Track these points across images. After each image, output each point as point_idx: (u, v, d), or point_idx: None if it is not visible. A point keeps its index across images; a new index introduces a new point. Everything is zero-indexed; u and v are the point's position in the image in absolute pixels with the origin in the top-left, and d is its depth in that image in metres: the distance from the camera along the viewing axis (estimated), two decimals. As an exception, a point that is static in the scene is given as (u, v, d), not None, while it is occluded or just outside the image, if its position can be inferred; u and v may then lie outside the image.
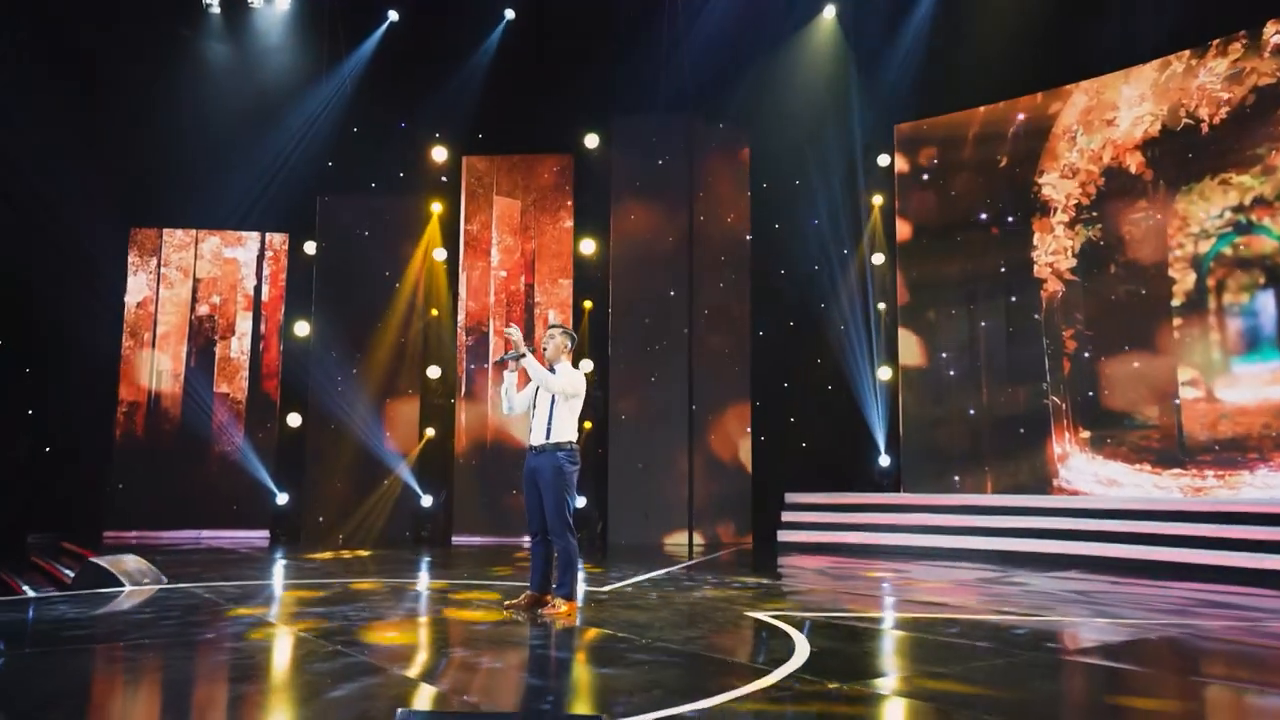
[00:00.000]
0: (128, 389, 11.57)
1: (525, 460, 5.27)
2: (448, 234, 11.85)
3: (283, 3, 11.72)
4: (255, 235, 12.07)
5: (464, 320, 11.48)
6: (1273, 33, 9.04)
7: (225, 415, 11.70)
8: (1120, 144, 10.12)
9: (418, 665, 3.88)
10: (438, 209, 11.88)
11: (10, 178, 9.99)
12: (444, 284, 11.81)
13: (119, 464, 11.40)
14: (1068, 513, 9.42)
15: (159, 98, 11.38)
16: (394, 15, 11.85)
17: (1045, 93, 10.74)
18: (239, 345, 11.86)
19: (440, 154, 11.94)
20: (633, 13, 11.27)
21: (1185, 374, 9.40)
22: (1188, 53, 9.68)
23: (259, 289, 12.01)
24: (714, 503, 11.13)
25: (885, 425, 11.55)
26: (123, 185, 11.55)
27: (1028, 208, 10.73)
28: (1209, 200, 9.42)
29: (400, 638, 4.52)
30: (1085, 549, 8.84)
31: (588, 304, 11.54)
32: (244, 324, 11.91)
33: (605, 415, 11.04)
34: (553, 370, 5.26)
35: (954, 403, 11.06)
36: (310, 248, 11.95)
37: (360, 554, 9.32)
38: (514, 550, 9.74)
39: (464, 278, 11.54)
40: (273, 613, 5.25)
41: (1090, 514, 9.24)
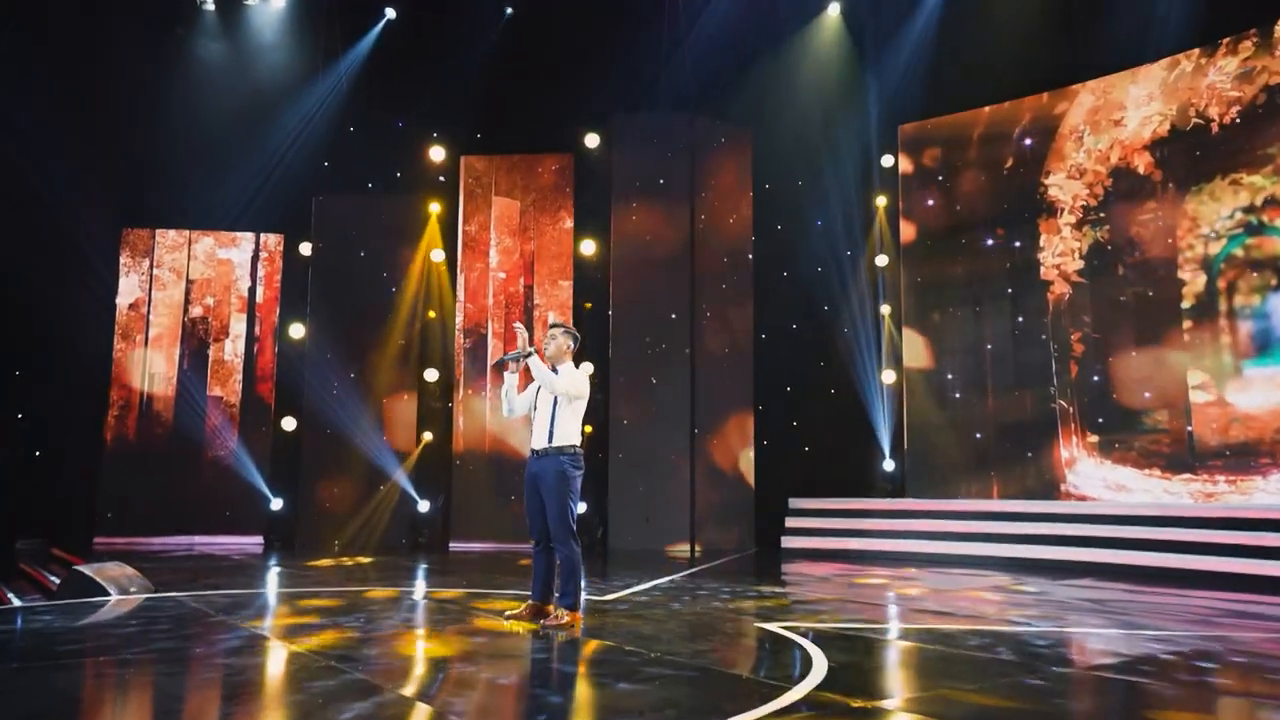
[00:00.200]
0: (119, 392, 11.38)
1: (526, 464, 5.10)
2: (445, 235, 11.72)
3: (278, 0, 11.57)
4: (250, 236, 11.90)
5: (462, 322, 11.30)
6: (1285, 31, 8.92)
7: (219, 419, 11.51)
8: (1128, 144, 10.00)
9: (414, 683, 3.69)
10: (435, 209, 11.74)
11: (0, 177, 9.82)
12: (442, 286, 11.67)
13: (110, 468, 11.20)
14: (1078, 519, 9.26)
15: (152, 96, 11.25)
16: (391, 13, 11.71)
17: (1051, 93, 10.64)
18: (233, 347, 11.68)
19: (438, 153, 11.79)
20: (634, 9, 11.14)
21: (1195, 377, 9.28)
22: (1197, 51, 9.58)
23: (253, 290, 11.83)
24: (716, 508, 10.97)
25: (889, 430, 11.42)
26: (115, 185, 11.41)
27: (1034, 209, 10.62)
28: (1219, 201, 9.31)
29: (397, 651, 4.33)
30: (1096, 556, 8.67)
31: (587, 305, 11.37)
32: (238, 326, 11.73)
33: (605, 418, 10.86)
34: (555, 371, 5.08)
35: (959, 407, 10.93)
36: (306, 249, 11.80)
37: (356, 561, 9.15)
38: (513, 557, 9.56)
39: (462, 279, 11.36)
40: (263, 625, 5.04)
41: (1101, 520, 9.08)
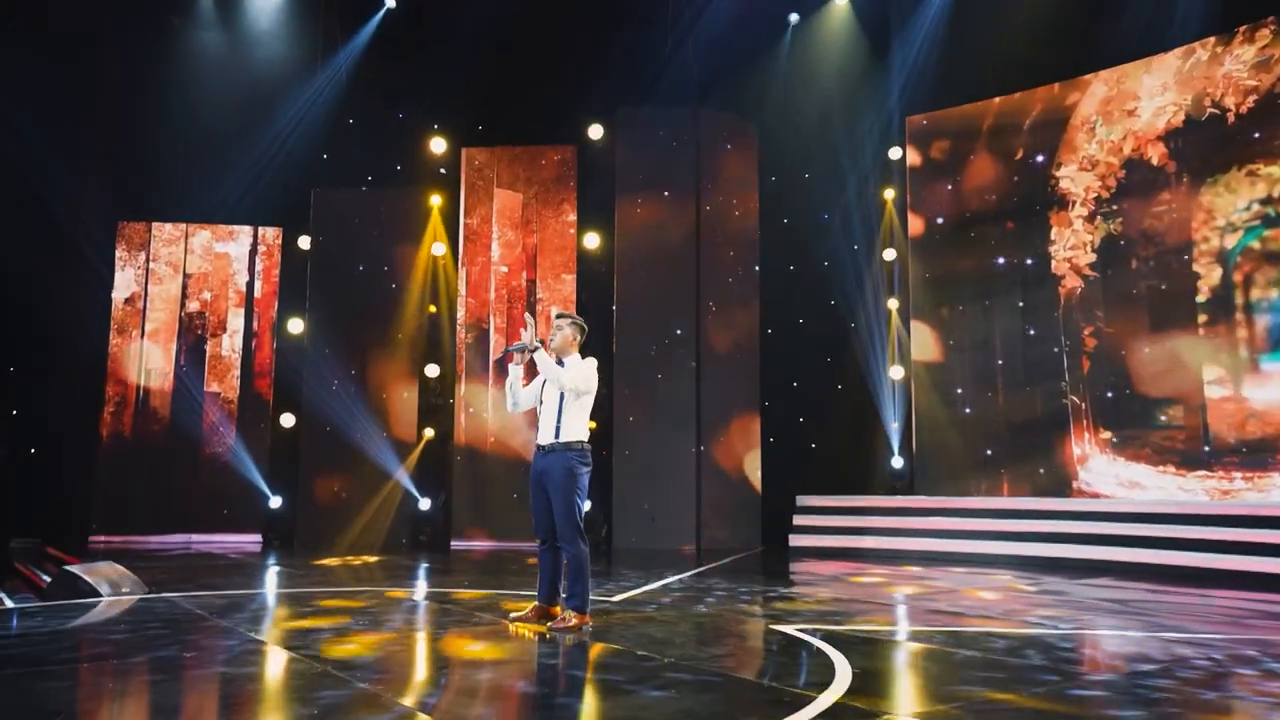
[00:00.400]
0: (115, 388, 11.20)
1: (532, 461, 4.92)
2: (446, 228, 11.54)
3: (275, -11, 11.39)
4: (247, 229, 11.72)
5: (463, 317, 11.12)
6: (1304, 18, 8.75)
7: (216, 415, 11.33)
8: (1142, 135, 9.82)
9: (414, 691, 3.52)
10: (436, 202, 11.56)
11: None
12: (443, 280, 11.50)
13: (106, 466, 11.02)
14: (1095, 516, 9.07)
15: (148, 88, 11.05)
16: (391, 1, 11.50)
17: (1063, 83, 10.47)
18: (230, 343, 11.50)
19: (439, 145, 11.61)
20: (638, -1, 10.95)
21: (1211, 373, 9.12)
22: (1212, 40, 9.40)
23: (251, 285, 11.65)
24: (722, 505, 10.80)
25: (898, 426, 11.26)
26: (110, 178, 11.20)
27: (1045, 201, 10.45)
28: (1235, 192, 9.14)
29: (396, 656, 4.15)
30: (1114, 554, 8.49)
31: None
32: (236, 321, 11.55)
33: (609, 415, 10.68)
34: (561, 364, 4.90)
35: (969, 402, 10.77)
36: (304, 242, 11.61)
37: (355, 560, 8.98)
38: (516, 556, 9.40)
39: (463, 273, 11.18)
40: (258, 628, 4.86)
41: (1119, 518, 8.89)
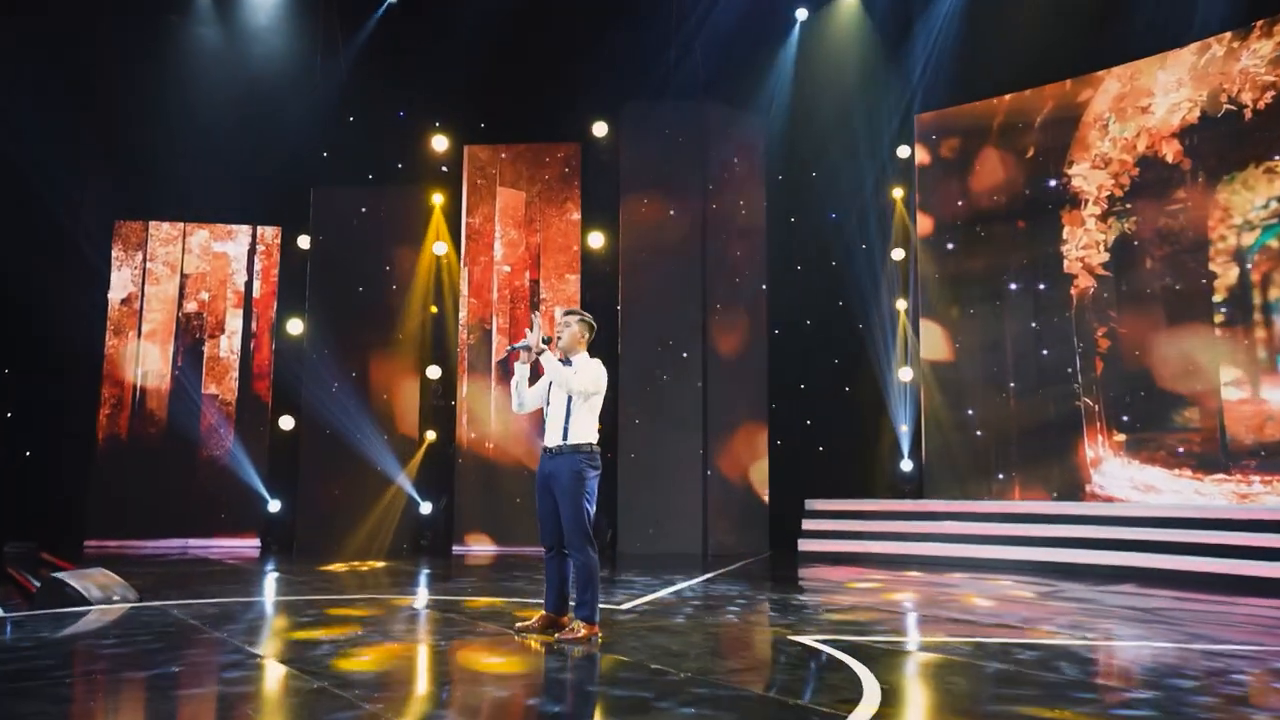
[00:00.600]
0: (111, 389, 11.02)
1: (539, 464, 4.74)
2: (449, 227, 11.37)
3: (275, -15, 11.23)
4: (246, 229, 11.55)
5: (466, 318, 10.94)
6: (1324, 12, 8.58)
7: (214, 418, 11.16)
8: (1156, 132, 9.66)
9: (416, 711, 3.33)
10: (438, 201, 11.39)
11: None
12: (445, 279, 11.34)
13: (102, 469, 10.84)
14: (1114, 521, 8.87)
15: (145, 84, 10.86)
16: (392, -3, 11.35)
17: (1075, 79, 10.30)
18: (229, 344, 11.33)
19: (441, 143, 11.44)
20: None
21: (1228, 374, 8.95)
22: (1229, 35, 9.24)
23: (250, 285, 11.48)
24: (729, 508, 10.61)
25: (907, 428, 11.08)
26: (107, 176, 11.04)
27: (1057, 200, 10.28)
28: (1253, 190, 8.98)
29: (397, 671, 3.96)
30: (1135, 560, 8.28)
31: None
32: (234, 322, 11.38)
33: (614, 416, 10.49)
34: (569, 363, 4.72)
35: (979, 405, 10.59)
36: (304, 242, 11.45)
37: (356, 565, 8.80)
38: (519, 561, 9.21)
39: (465, 273, 11.00)
40: (251, 639, 4.67)
41: (1138, 523, 8.68)
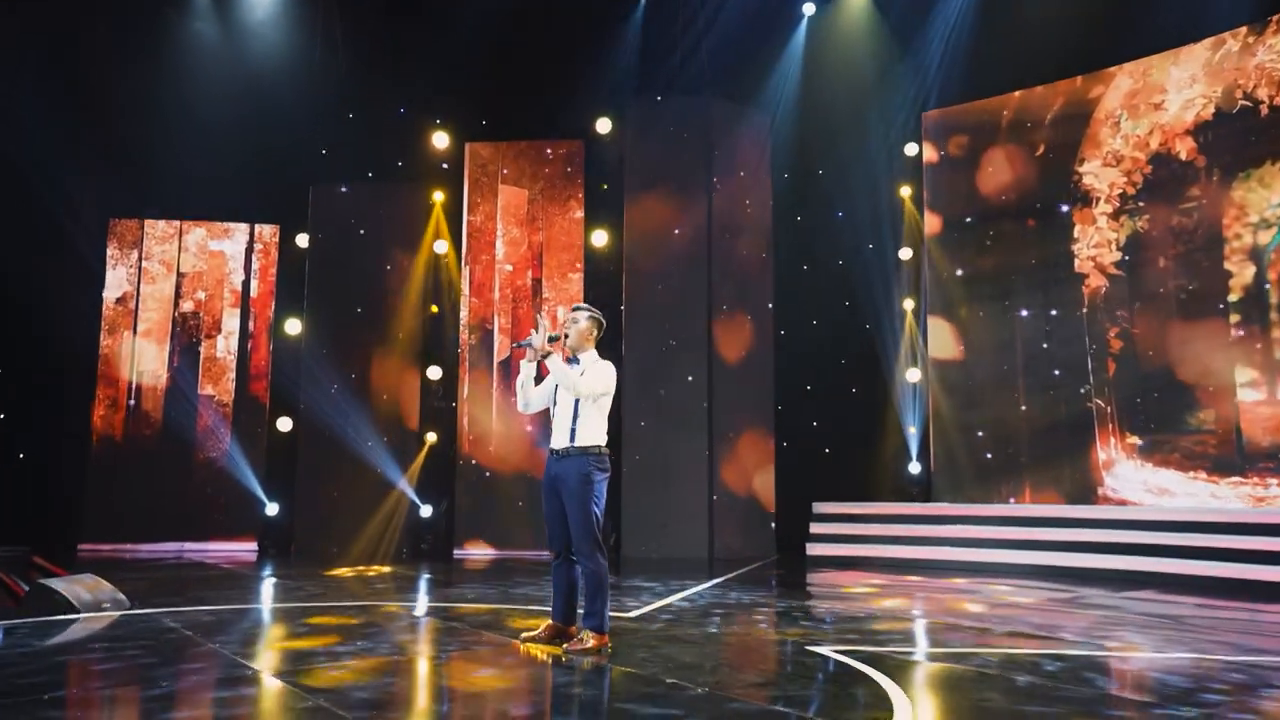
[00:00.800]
0: (106, 390, 10.84)
1: (545, 467, 4.56)
2: (449, 225, 11.22)
3: (273, -21, 11.07)
4: (243, 227, 11.37)
5: (467, 318, 10.77)
6: (1343, 5, 8.43)
7: (211, 419, 10.97)
8: (1169, 129, 9.50)
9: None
10: (439, 199, 11.24)
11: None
12: (445, 279, 11.17)
13: (96, 471, 10.65)
14: (1129, 525, 8.69)
15: (141, 80, 10.71)
16: (392, -8, 11.18)
17: (1086, 76, 10.15)
18: (226, 344, 11.15)
19: (442, 140, 11.28)
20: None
21: (1244, 375, 8.80)
22: (1244, 29, 9.09)
23: (247, 284, 11.30)
24: (736, 512, 10.44)
25: (915, 430, 10.91)
26: (102, 173, 10.84)
27: (1068, 198, 10.12)
28: (1269, 187, 8.83)
29: (396, 685, 3.78)
30: (1151, 565, 8.10)
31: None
32: (231, 321, 11.20)
33: (618, 417, 10.32)
34: (576, 362, 4.54)
35: (989, 406, 10.43)
36: (303, 240, 11.29)
37: (354, 570, 8.60)
38: (523, 565, 9.03)
39: (467, 272, 10.83)
40: (244, 650, 4.48)
41: (1156, 526, 8.49)
